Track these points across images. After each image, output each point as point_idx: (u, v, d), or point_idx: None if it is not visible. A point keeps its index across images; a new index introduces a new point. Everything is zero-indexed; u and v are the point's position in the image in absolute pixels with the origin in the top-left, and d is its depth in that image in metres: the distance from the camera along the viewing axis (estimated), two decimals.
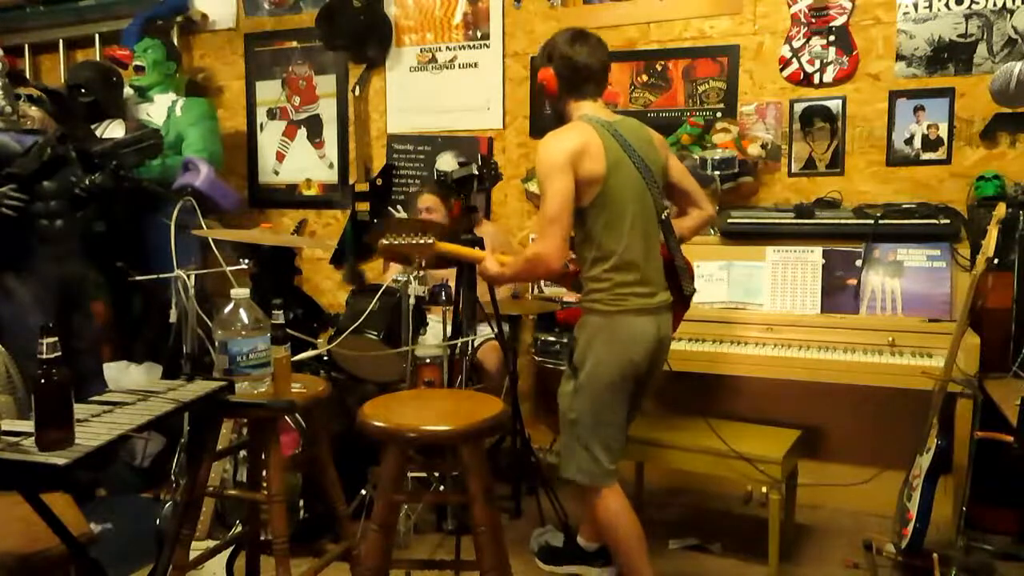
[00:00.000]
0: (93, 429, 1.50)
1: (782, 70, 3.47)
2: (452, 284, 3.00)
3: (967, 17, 3.20)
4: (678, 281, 2.41)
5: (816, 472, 3.19)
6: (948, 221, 3.01)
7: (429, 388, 3.06)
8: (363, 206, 4.18)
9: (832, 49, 3.38)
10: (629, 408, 2.37)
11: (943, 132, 3.26)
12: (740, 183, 3.41)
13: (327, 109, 4.38)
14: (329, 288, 4.43)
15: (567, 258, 2.26)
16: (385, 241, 2.42)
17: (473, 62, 4.03)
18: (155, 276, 2.95)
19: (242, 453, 2.69)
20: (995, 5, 3.16)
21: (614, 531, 2.35)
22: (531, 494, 3.23)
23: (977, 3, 3.19)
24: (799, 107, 3.45)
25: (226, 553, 2.38)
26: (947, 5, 3.23)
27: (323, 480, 2.27)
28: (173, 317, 2.95)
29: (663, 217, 2.36)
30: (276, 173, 4.55)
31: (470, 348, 3.00)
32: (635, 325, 2.27)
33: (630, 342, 2.27)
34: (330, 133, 4.39)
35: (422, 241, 2.40)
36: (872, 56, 3.34)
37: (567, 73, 2.32)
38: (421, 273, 2.98)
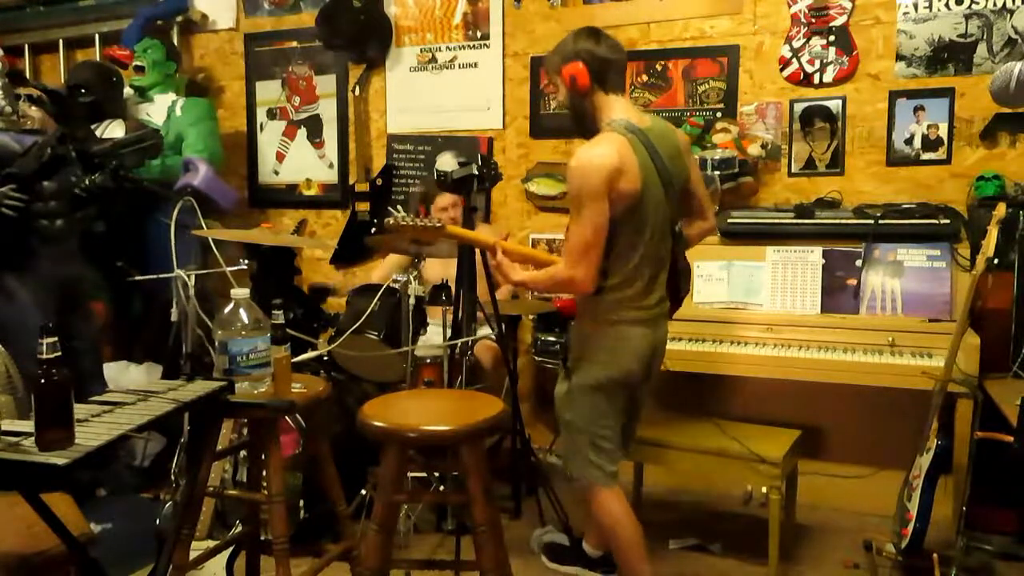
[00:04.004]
0: (93, 429, 1.50)
1: (782, 70, 3.47)
2: (452, 284, 3.00)
3: (967, 17, 3.20)
4: (677, 283, 2.41)
5: (816, 472, 3.18)
6: (948, 221, 3.01)
7: (429, 388, 3.06)
8: (363, 206, 4.19)
9: (832, 49, 3.37)
10: (628, 411, 2.37)
11: (943, 132, 3.26)
12: (740, 183, 3.41)
13: (327, 109, 4.38)
14: None
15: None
16: (391, 220, 2.36)
17: (473, 62, 4.03)
18: (155, 276, 2.95)
19: (242, 453, 2.69)
20: (995, 5, 3.16)
21: (614, 533, 2.35)
22: (531, 494, 3.23)
23: (977, 3, 3.19)
24: (799, 107, 3.45)
25: (226, 553, 2.37)
26: (947, 5, 3.23)
27: (323, 480, 2.27)
28: (173, 317, 2.95)
29: (676, 229, 2.35)
30: (276, 173, 4.55)
31: (469, 348, 3.00)
32: (632, 335, 2.26)
33: (626, 352, 2.27)
34: (330, 133, 4.39)
35: (431, 224, 2.36)
36: (872, 56, 3.34)
37: (596, 65, 2.22)
38: (419, 273, 2.98)
